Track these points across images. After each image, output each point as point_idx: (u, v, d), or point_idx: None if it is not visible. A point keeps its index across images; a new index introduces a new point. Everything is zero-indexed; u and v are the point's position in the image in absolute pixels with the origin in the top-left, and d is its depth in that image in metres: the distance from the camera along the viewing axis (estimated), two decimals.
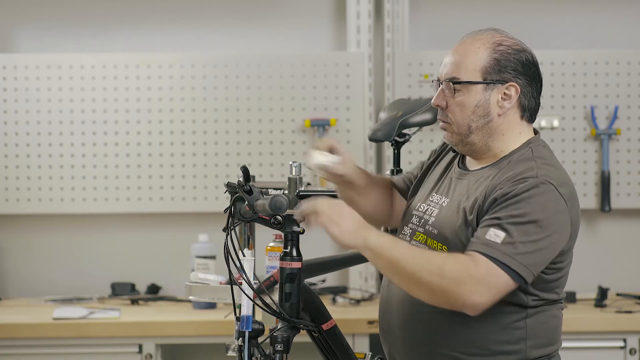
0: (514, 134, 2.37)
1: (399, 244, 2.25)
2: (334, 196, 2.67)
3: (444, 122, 2.40)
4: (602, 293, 3.95)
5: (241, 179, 2.25)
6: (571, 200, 2.30)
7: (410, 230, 2.42)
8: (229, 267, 2.28)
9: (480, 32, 2.39)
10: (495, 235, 2.21)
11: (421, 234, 2.37)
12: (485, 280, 2.18)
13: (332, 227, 2.22)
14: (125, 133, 4.22)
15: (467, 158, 2.46)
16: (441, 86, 2.38)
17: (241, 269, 2.25)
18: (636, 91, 4.25)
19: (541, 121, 4.22)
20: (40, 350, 3.71)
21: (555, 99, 4.25)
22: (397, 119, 3.12)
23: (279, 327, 2.29)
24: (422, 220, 2.41)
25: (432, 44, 4.33)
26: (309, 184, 3.25)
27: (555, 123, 4.23)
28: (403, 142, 3.15)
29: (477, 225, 2.26)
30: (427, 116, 3.14)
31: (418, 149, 4.23)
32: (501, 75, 2.33)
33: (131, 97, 4.22)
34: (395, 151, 3.16)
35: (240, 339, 2.27)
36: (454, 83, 2.34)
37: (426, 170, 2.57)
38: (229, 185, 2.34)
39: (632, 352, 3.73)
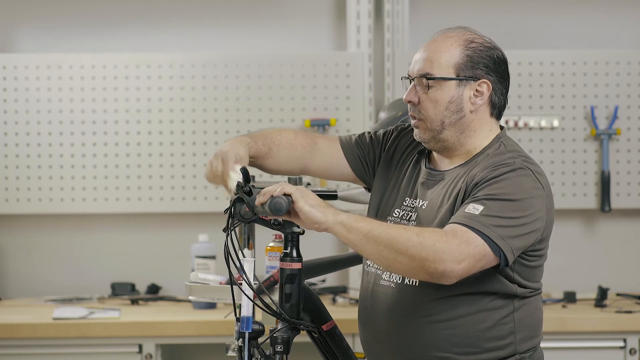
0: (484, 131, 2.41)
1: (369, 218, 2.26)
2: (334, 197, 2.67)
3: (416, 119, 2.41)
4: (602, 293, 3.95)
5: (241, 180, 2.24)
6: (547, 188, 2.33)
7: None
8: (229, 267, 2.28)
9: (450, 29, 2.41)
10: (474, 208, 2.22)
11: None
12: (464, 248, 2.17)
13: (300, 200, 2.20)
14: (125, 133, 4.22)
15: (436, 159, 2.47)
16: (413, 82, 2.40)
17: (241, 270, 2.25)
18: (636, 91, 4.25)
19: (541, 121, 4.22)
20: (40, 350, 3.71)
21: (555, 99, 4.25)
22: (397, 119, 3.12)
23: (279, 327, 2.29)
24: None
25: None
26: (308, 184, 3.24)
27: (555, 123, 4.24)
28: None
29: None
30: None
31: None
32: (473, 71, 2.37)
33: (131, 97, 4.22)
34: None
35: (240, 339, 2.27)
36: (428, 79, 2.36)
37: (386, 163, 2.55)
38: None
39: (632, 352, 3.73)
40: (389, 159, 2.55)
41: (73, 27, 4.32)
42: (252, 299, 2.24)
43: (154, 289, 4.22)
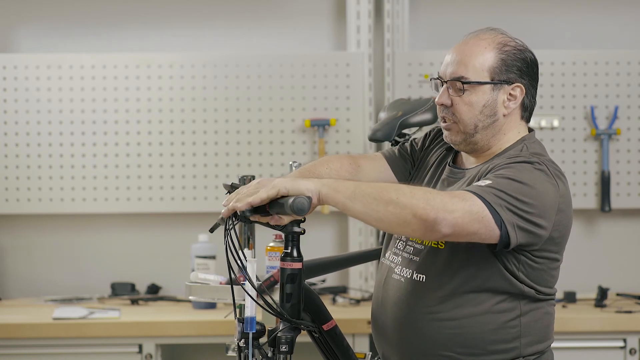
0: (513, 133, 2.41)
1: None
2: None
3: (448, 121, 2.40)
4: (602, 293, 3.95)
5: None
6: (563, 189, 2.30)
7: None
8: (229, 266, 2.28)
9: (482, 31, 2.40)
10: (482, 182, 2.22)
11: None
12: (457, 201, 2.13)
13: (283, 182, 2.16)
14: (125, 133, 4.22)
15: (461, 158, 2.48)
16: (445, 85, 2.38)
17: (244, 270, 2.25)
18: (636, 91, 4.25)
19: (541, 121, 4.22)
20: (40, 350, 3.71)
21: (555, 99, 4.25)
22: (397, 119, 3.12)
23: (280, 327, 2.29)
24: None
25: (432, 44, 4.33)
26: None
27: (555, 123, 4.24)
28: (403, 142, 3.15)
29: None
30: (427, 116, 3.15)
31: None
32: (507, 75, 2.37)
33: (131, 97, 4.22)
34: None
35: (243, 339, 2.27)
36: (463, 82, 2.35)
37: (420, 162, 2.57)
38: (232, 187, 2.36)
39: (632, 352, 3.73)
40: (425, 158, 2.57)
41: (73, 27, 4.32)
42: (255, 299, 2.24)
43: (154, 289, 4.22)
